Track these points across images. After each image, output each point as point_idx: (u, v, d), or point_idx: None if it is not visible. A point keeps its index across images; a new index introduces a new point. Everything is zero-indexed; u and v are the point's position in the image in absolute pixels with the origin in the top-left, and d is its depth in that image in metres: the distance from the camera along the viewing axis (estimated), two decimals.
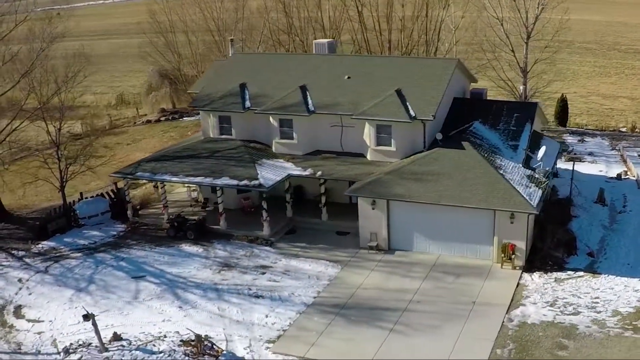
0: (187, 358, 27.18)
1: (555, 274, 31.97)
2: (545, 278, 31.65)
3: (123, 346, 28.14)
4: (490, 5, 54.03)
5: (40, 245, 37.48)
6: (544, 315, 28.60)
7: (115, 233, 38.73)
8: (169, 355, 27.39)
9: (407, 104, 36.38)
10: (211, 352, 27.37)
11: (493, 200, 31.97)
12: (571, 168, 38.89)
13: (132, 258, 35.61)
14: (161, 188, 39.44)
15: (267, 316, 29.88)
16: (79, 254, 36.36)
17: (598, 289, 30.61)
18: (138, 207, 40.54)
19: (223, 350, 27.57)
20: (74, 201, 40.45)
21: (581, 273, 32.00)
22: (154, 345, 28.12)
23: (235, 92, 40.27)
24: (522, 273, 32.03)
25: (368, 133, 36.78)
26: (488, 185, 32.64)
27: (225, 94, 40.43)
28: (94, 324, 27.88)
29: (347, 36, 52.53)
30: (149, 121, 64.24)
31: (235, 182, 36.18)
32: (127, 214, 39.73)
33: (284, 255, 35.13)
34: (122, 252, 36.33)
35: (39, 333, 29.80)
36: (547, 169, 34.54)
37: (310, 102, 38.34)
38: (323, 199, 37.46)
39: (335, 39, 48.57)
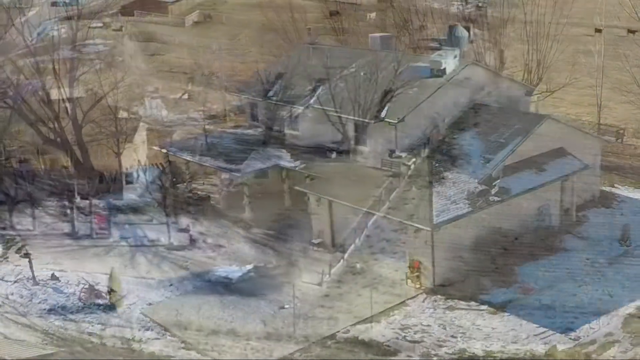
0: (78, 301, 36.42)
1: (454, 302, 33.44)
2: (438, 304, 33.46)
3: (47, 283, 38.38)
4: None
5: (86, 200, 49.66)
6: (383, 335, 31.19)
7: (149, 200, 49.17)
8: (67, 296, 36.89)
9: (389, 104, 39.93)
10: (99, 301, 36.17)
11: (398, 211, 34.62)
12: None
13: (135, 222, 45.71)
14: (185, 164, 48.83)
15: (171, 285, 37.44)
16: (102, 212, 47.61)
17: (478, 325, 31.60)
18: (174, 179, 50.39)
19: (107, 303, 36.14)
20: (130, 166, 52.05)
21: (484, 307, 32.91)
22: (67, 287, 37.84)
23: (270, 80, 47.59)
24: (420, 294, 34.12)
25: (351, 132, 41.25)
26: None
27: (262, 81, 48.02)
28: (30, 262, 38.68)
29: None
30: None
31: (223, 164, 43.85)
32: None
33: (245, 239, 41.86)
34: (136, 215, 46.60)
35: (17, 265, 41.54)
36: (500, 186, 35.35)
37: (315, 95, 43.95)
38: None
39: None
